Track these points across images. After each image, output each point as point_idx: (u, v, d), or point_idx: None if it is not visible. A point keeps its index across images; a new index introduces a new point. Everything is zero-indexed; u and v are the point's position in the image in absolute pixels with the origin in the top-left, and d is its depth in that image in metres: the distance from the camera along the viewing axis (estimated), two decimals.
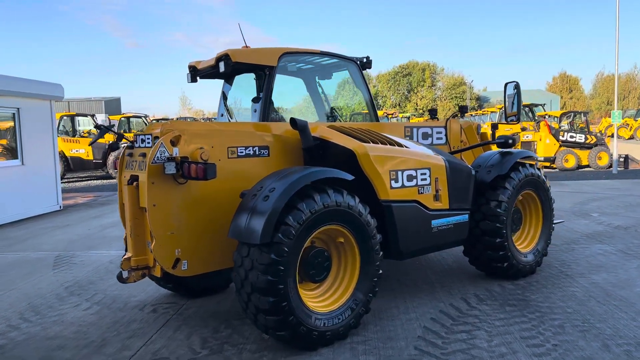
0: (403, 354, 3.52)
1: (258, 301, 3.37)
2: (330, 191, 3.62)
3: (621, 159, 17.11)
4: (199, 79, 5.08)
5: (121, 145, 4.47)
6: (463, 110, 5.68)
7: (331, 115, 5.63)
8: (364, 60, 5.46)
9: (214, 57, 4.67)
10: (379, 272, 3.95)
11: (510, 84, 5.15)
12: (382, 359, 3.46)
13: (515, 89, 5.09)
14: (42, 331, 4.17)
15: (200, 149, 3.76)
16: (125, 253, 3.94)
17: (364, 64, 5.43)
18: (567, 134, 16.95)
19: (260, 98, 4.64)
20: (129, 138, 4.05)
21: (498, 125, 5.79)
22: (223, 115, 5.23)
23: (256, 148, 4.13)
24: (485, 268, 5.07)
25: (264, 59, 4.64)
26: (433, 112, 6.20)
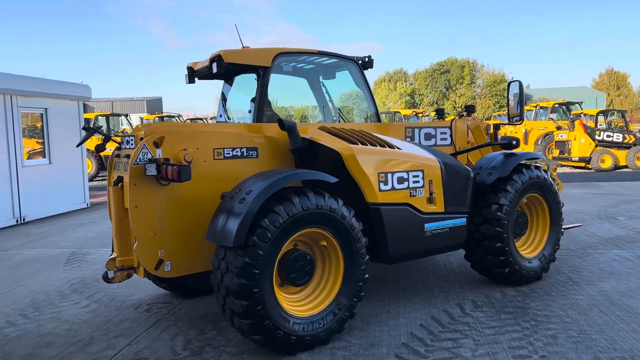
0: None
1: (232, 304, 3.35)
2: (310, 194, 3.57)
3: None
4: (197, 80, 5.11)
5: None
6: (470, 110, 5.52)
7: (336, 116, 5.58)
8: (365, 60, 5.38)
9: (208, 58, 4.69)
10: (365, 276, 3.87)
11: (514, 83, 4.96)
12: None
13: (519, 88, 4.90)
14: (36, 328, 4.27)
15: (184, 150, 3.76)
16: (112, 253, 3.99)
17: (366, 63, 5.35)
18: (603, 133, 16.32)
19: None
20: (116, 140, 4.09)
21: (500, 125, 5.60)
22: (222, 116, 5.24)
23: (244, 149, 4.11)
24: (487, 273, 4.91)
25: (257, 59, 4.62)
26: (440, 112, 6.05)
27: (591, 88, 72.45)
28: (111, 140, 4.19)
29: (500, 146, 5.18)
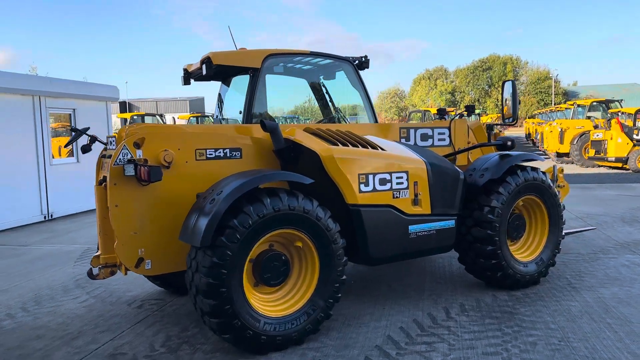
0: None
1: (202, 303, 3.40)
2: (282, 195, 3.58)
3: None
4: (193, 82, 5.20)
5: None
6: (470, 110, 5.41)
7: (336, 116, 5.57)
8: (362, 60, 5.35)
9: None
10: (342, 277, 3.86)
11: (507, 83, 4.84)
12: None
13: (512, 88, 4.77)
14: (32, 321, 4.45)
15: (165, 151, 3.84)
16: (97, 250, 4.11)
17: (362, 63, 5.33)
18: None
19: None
20: (102, 140, 4.20)
21: (493, 126, 5.46)
22: (217, 116, 5.32)
23: (227, 150, 4.15)
24: (480, 277, 4.82)
25: (247, 61, 4.67)
26: (441, 112, 5.95)
27: None
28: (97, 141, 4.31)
29: (495, 147, 5.06)
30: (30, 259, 6.74)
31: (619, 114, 16.66)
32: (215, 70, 4.67)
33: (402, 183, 4.21)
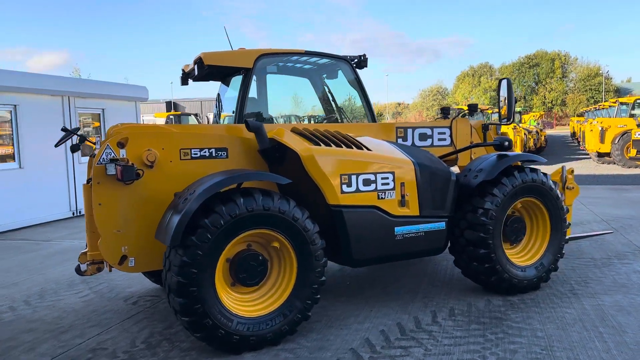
0: None
1: (173, 301, 3.45)
2: (257, 195, 3.58)
3: None
4: (191, 82, 5.26)
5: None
6: (472, 109, 5.27)
7: (335, 116, 5.54)
8: (361, 58, 5.30)
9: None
10: (321, 278, 3.83)
11: (503, 81, 4.67)
12: None
13: (507, 86, 4.61)
14: (31, 314, 4.61)
15: (147, 150, 3.90)
16: (86, 247, 4.22)
17: (361, 62, 5.27)
18: None
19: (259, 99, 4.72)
20: (92, 140, 4.32)
21: (489, 125, 5.27)
22: (216, 116, 5.37)
23: (212, 150, 4.18)
24: (476, 280, 4.68)
25: (239, 61, 4.70)
26: (445, 111, 5.81)
27: None
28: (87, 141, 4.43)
29: (493, 147, 4.90)
30: (48, 253, 6.99)
31: None
32: (208, 71, 4.72)
33: (387, 184, 4.14)
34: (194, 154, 4.11)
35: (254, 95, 5.24)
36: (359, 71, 5.25)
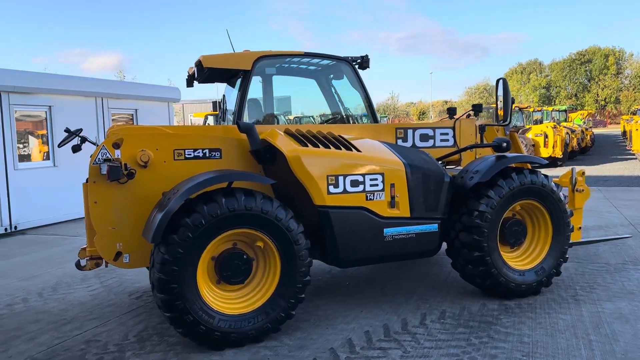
0: None
1: (156, 297, 3.57)
2: (239, 195, 3.66)
3: None
4: (196, 84, 5.40)
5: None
6: (477, 109, 5.18)
7: (344, 116, 5.55)
8: (363, 59, 5.30)
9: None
10: (305, 278, 3.87)
11: (499, 81, 4.57)
12: None
13: (503, 87, 4.50)
14: (41, 306, 4.85)
15: (141, 151, 4.04)
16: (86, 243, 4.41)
17: (363, 62, 5.27)
18: None
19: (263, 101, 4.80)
20: (93, 141, 4.50)
21: (486, 126, 5.14)
22: (220, 117, 5.48)
23: (206, 150, 4.28)
24: (473, 283, 4.61)
25: (238, 63, 4.79)
26: (452, 111, 5.71)
27: None
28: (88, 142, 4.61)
29: (492, 149, 4.79)
30: (72, 248, 7.31)
31: None
32: (209, 73, 4.83)
33: (376, 185, 4.14)
34: (188, 154, 4.23)
35: (259, 97, 5.34)
36: (360, 72, 5.25)
